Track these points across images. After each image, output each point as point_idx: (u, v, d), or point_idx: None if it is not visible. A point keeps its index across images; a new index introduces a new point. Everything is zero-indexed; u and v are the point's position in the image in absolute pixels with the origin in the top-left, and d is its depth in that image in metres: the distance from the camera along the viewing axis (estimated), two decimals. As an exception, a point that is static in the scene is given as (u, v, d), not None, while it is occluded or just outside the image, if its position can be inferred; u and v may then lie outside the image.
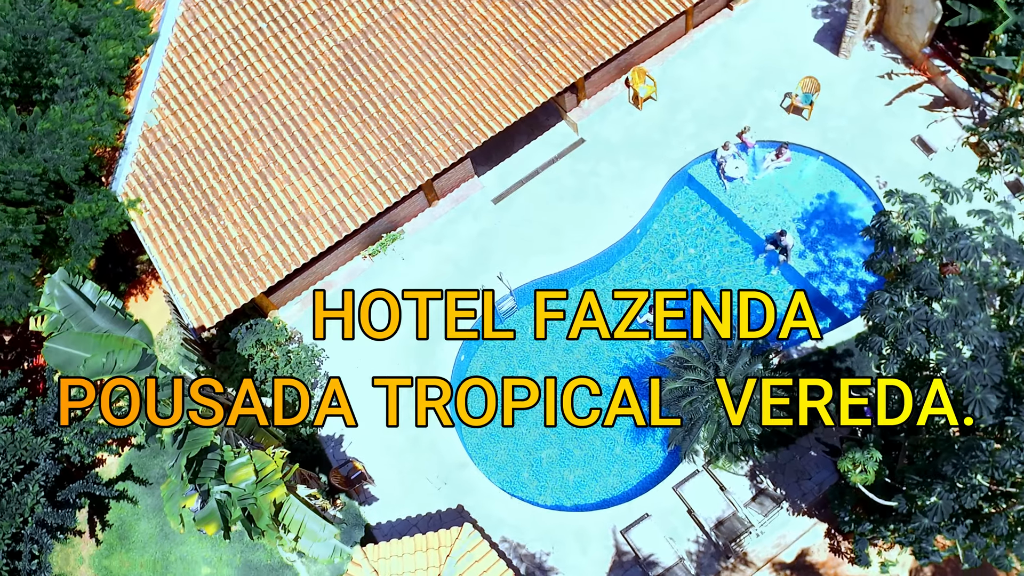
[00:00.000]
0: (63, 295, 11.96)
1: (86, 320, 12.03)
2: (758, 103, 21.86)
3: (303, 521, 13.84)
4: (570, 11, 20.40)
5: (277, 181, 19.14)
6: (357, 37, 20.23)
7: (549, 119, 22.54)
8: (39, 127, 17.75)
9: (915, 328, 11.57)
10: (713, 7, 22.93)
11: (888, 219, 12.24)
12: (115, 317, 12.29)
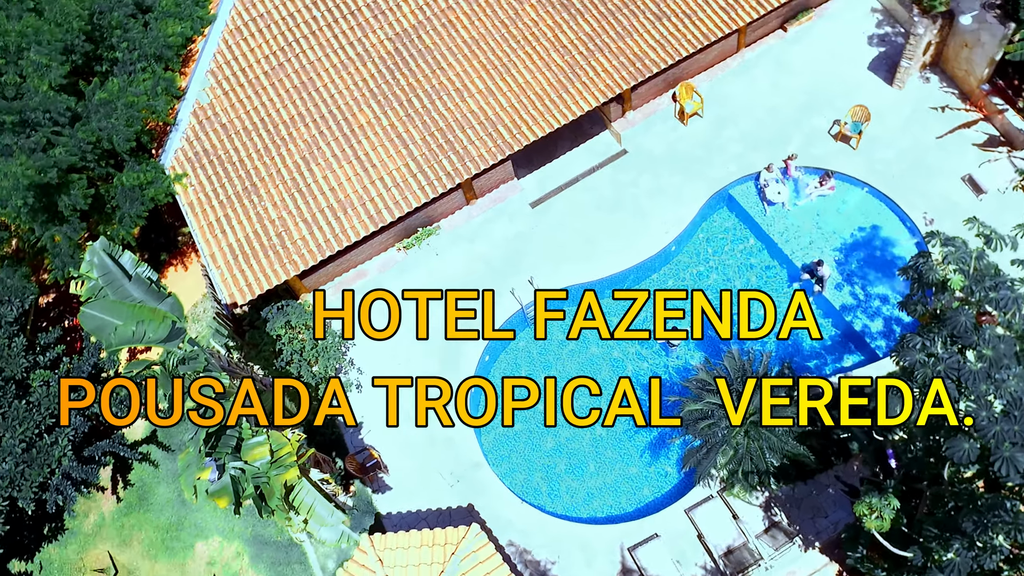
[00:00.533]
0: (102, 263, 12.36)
1: (122, 289, 12.41)
2: (805, 128, 21.61)
3: (312, 505, 14.09)
4: (621, 22, 20.38)
5: (319, 167, 19.45)
6: (408, 32, 20.45)
7: (593, 127, 22.54)
8: (97, 97, 18.28)
9: (945, 376, 11.35)
10: (767, 27, 22.70)
11: (927, 261, 12.02)
12: (149, 288, 12.65)
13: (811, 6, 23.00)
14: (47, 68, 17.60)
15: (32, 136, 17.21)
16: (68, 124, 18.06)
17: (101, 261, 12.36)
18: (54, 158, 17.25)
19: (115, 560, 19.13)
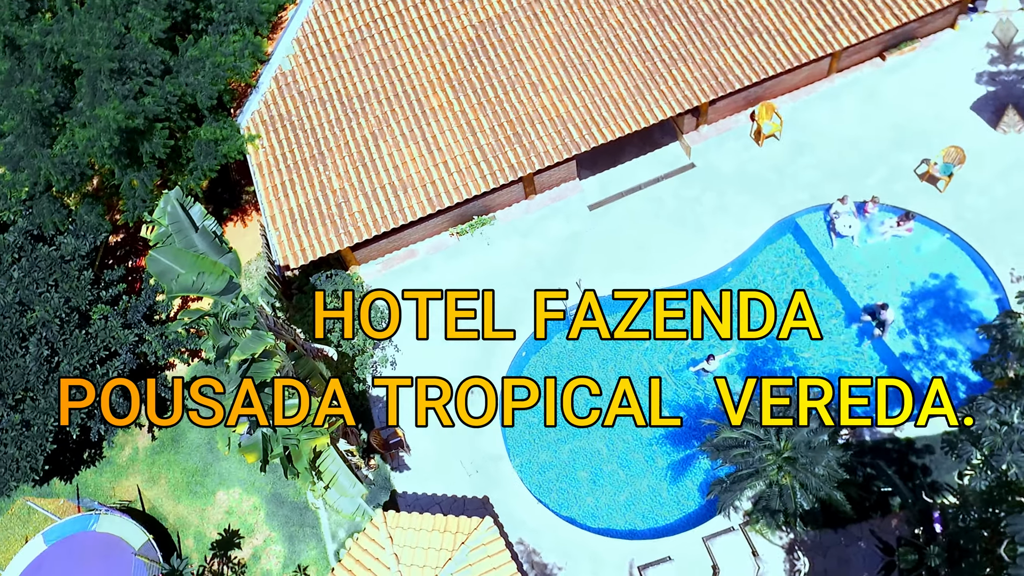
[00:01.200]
0: (174, 211, 12.88)
1: (188, 239, 12.90)
2: (891, 163, 20.63)
3: (336, 474, 14.34)
4: (710, 33, 19.88)
5: (386, 144, 19.72)
6: (492, 21, 20.48)
7: (663, 137, 22.11)
8: (189, 53, 19.02)
9: (1018, 448, 10.61)
10: (864, 54, 21.75)
11: (1014, 322, 11.26)
12: (213, 242, 13.10)
13: (917, 36, 21.92)
14: (150, 22, 18.43)
15: (127, 84, 18.05)
16: (160, 76, 18.84)
17: (173, 210, 12.90)
18: (143, 107, 18.05)
19: (142, 495, 19.99)
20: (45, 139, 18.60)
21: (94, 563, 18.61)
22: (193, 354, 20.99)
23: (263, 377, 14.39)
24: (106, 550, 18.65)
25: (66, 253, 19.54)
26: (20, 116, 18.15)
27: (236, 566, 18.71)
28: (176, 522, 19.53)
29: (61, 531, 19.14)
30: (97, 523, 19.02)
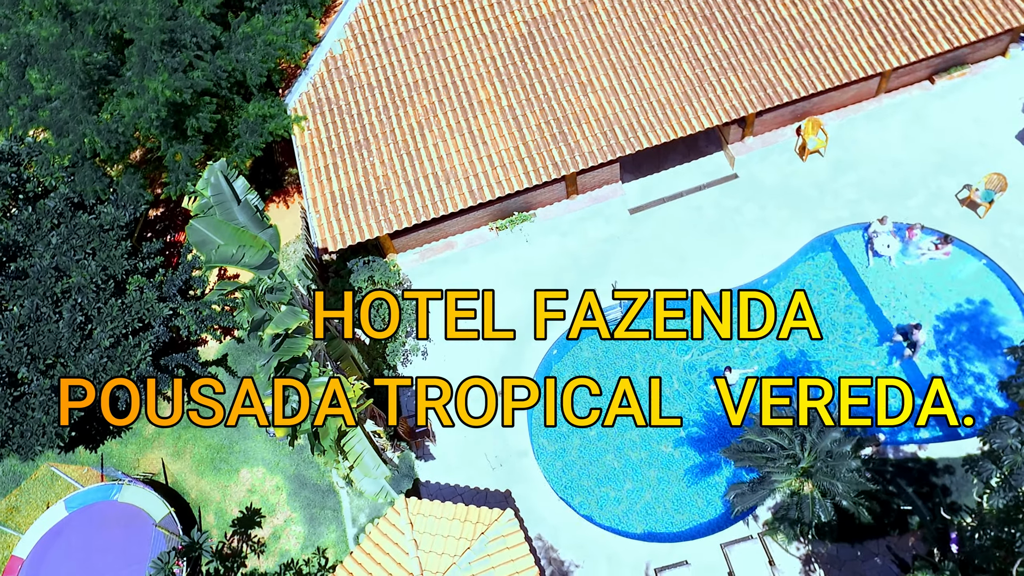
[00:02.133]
0: (217, 183, 12.92)
1: (230, 211, 12.95)
2: (932, 187, 20.58)
3: (361, 454, 14.38)
4: (761, 44, 19.87)
5: (432, 134, 19.77)
6: (546, 18, 20.51)
7: (708, 146, 22.10)
8: (241, 30, 19.11)
9: (1034, 468, 10.64)
10: (913, 76, 21.70)
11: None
12: (254, 216, 13.15)
13: (968, 62, 21.87)
14: (203, -4, 18.52)
15: (177, 56, 18.12)
16: (210, 51, 18.93)
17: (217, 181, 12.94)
18: (192, 80, 18.12)
19: (166, 468, 20.06)
20: (92, 105, 18.67)
21: (114, 532, 18.69)
22: (226, 331, 21.06)
23: (295, 352, 14.42)
24: (127, 520, 18.73)
25: (105, 222, 19.63)
26: (68, 80, 18.23)
27: (255, 544, 18.75)
28: (198, 497, 19.59)
29: (83, 499, 19.23)
30: (119, 493, 19.10)
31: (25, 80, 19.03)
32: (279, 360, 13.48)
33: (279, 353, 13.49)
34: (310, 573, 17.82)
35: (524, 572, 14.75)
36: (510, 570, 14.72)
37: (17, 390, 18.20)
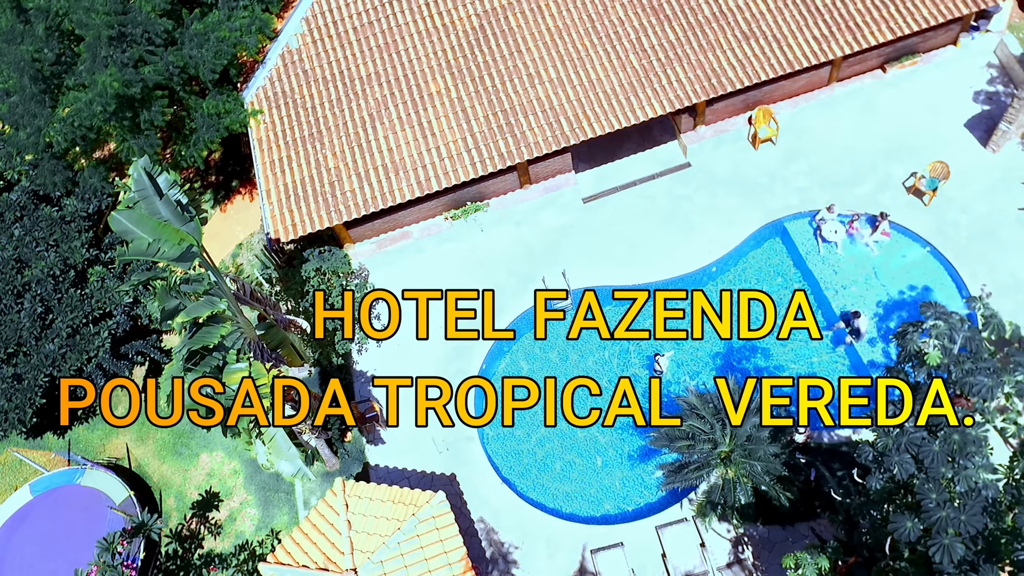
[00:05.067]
0: (139, 179, 13.40)
1: (152, 206, 13.44)
2: (880, 174, 20.81)
3: (274, 436, 14.88)
4: (708, 35, 20.12)
5: (383, 126, 20.19)
6: (497, 11, 20.84)
7: (663, 135, 22.38)
8: (193, 27, 19.56)
9: (905, 449, 11.00)
10: (865, 65, 21.86)
11: (915, 330, 11.62)
12: (175, 210, 13.62)
13: (919, 51, 21.99)
14: (154, -8, 18.95)
15: (127, 52, 18.59)
16: (162, 46, 19.38)
17: (140, 177, 13.41)
18: (142, 75, 18.59)
19: (130, 453, 20.71)
20: (46, 100, 19.16)
21: (76, 515, 19.36)
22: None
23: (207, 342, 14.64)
24: (88, 503, 19.40)
25: (67, 214, 20.21)
26: (19, 75, 18.70)
27: (212, 526, 19.38)
28: (160, 481, 20.25)
29: (47, 483, 19.93)
30: (82, 477, 19.78)
31: (-19, 75, 19.59)
32: (190, 348, 13.98)
33: (191, 341, 14.01)
34: (263, 554, 18.44)
35: (452, 552, 15.25)
36: (438, 550, 15.21)
37: (-21, 379, 18.87)
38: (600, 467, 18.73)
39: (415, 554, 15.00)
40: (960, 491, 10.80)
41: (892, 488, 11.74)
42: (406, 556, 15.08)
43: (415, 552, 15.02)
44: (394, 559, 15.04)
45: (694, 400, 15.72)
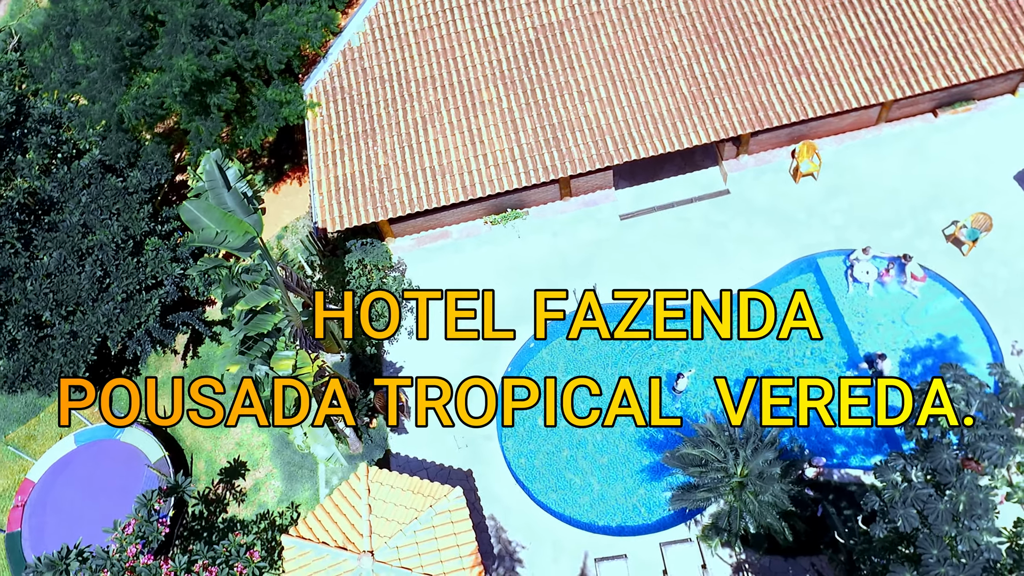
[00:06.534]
0: (210, 170, 14.30)
1: (220, 196, 14.33)
2: (920, 219, 20.91)
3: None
4: (759, 68, 20.42)
5: (434, 129, 20.91)
6: (553, 26, 21.38)
7: (704, 160, 22.74)
8: (265, 18, 20.48)
9: (911, 504, 11.38)
10: (916, 108, 21.94)
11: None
12: (241, 202, 14.49)
13: (974, 97, 21.99)
14: (232, -16, 19.92)
15: (204, 41, 19.60)
16: (235, 36, 20.35)
17: (211, 168, 14.31)
18: (215, 62, 19.59)
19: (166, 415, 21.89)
20: (124, 78, 20.29)
21: (115, 468, 20.58)
22: (232, 295, 22.69)
23: (262, 328, 15.60)
24: (126, 458, 20.61)
25: (130, 186, 21.35)
26: (103, 54, 19.85)
27: (237, 493, 20.43)
28: (192, 445, 21.37)
29: (91, 435, 21.18)
30: (122, 433, 20.97)
31: (68, 50, 20.79)
32: (246, 334, 14.89)
33: (247, 328, 14.91)
34: (283, 525, 19.44)
35: (464, 546, 16.00)
36: (451, 543, 15.98)
37: (41, 332, 20.13)
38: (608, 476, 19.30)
39: (429, 543, 15.79)
40: (962, 550, 11.14)
41: (895, 538, 12.12)
42: (420, 544, 15.89)
43: (429, 542, 15.81)
44: (409, 546, 15.86)
45: (711, 428, 16.19)
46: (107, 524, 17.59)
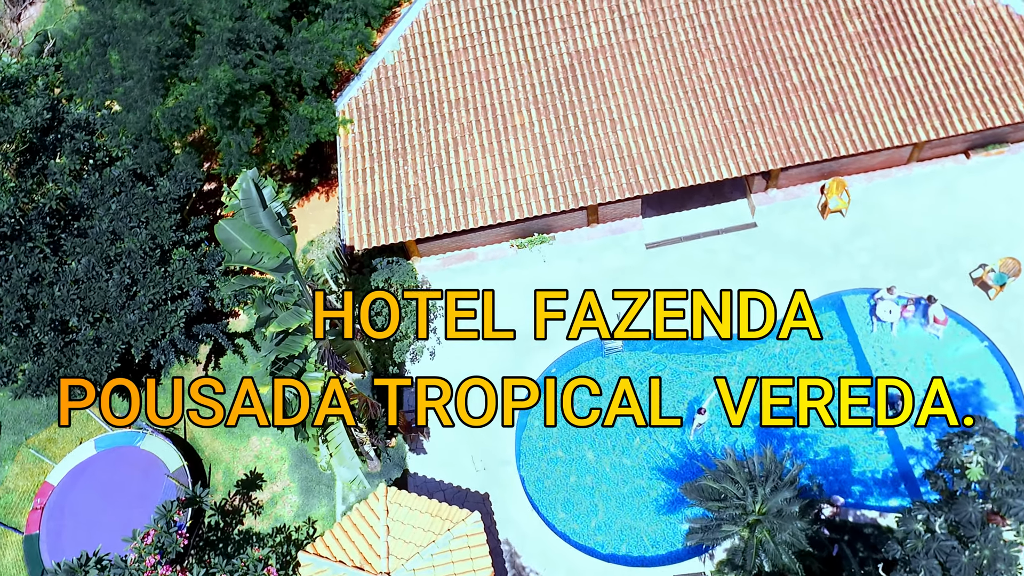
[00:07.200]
0: (247, 189, 14.43)
1: (255, 216, 14.45)
2: (948, 260, 20.84)
3: (340, 444, 15.82)
4: (793, 103, 20.42)
5: (464, 151, 20.99)
6: (589, 52, 21.44)
7: (733, 192, 22.73)
8: (301, 34, 20.63)
9: (934, 555, 11.35)
10: (948, 148, 21.89)
11: (960, 441, 11.92)
12: (276, 222, 14.61)
13: (1008, 140, 21.92)
14: (271, 1, 20.03)
15: (240, 54, 19.75)
16: (271, 51, 20.50)
17: (247, 187, 14.43)
18: (250, 76, 19.72)
19: (186, 424, 21.98)
20: (160, 88, 20.47)
21: (134, 475, 20.69)
22: (255, 307, 22.81)
23: (293, 351, 15.74)
24: (146, 466, 20.71)
25: (160, 195, 21.50)
26: (141, 63, 20.01)
27: (254, 505, 20.51)
28: (211, 455, 21.46)
29: (111, 441, 21.31)
30: (142, 441, 21.09)
31: (105, 58, 20.99)
32: (276, 356, 14.99)
33: (279, 349, 15.01)
34: (299, 540, 19.49)
35: (480, 571, 16.01)
36: (467, 567, 16.00)
37: (67, 337, 20.28)
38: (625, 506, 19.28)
39: (446, 567, 15.82)
40: None
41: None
42: (437, 568, 15.91)
43: (446, 565, 15.84)
44: (426, 569, 15.89)
45: (731, 464, 16.16)
46: (125, 531, 17.68)
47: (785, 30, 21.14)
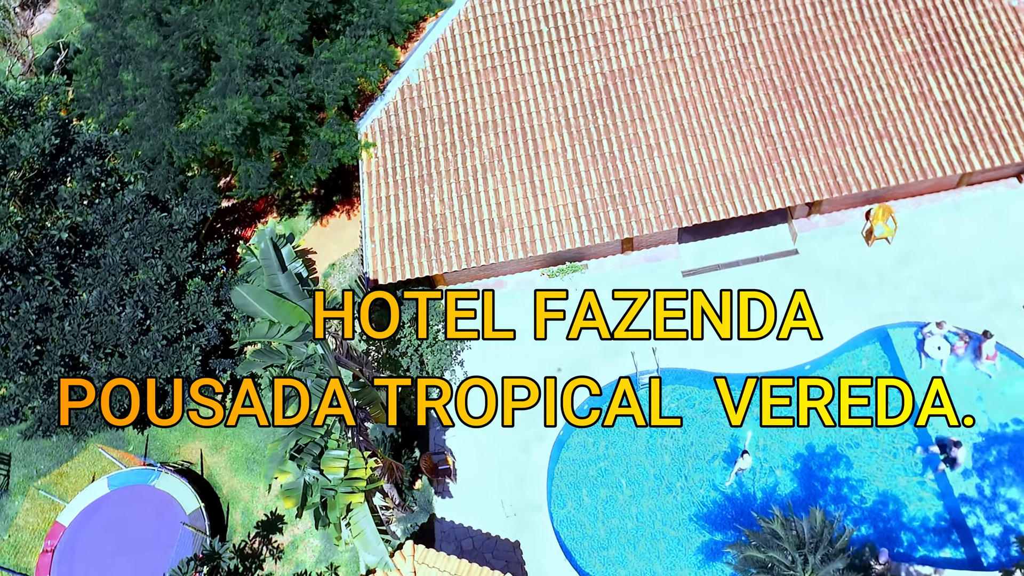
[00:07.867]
0: (266, 248, 13.39)
1: (274, 279, 13.43)
2: (1000, 292, 19.86)
3: (364, 530, 14.95)
4: (839, 128, 19.37)
5: (493, 179, 19.97)
6: (623, 72, 20.36)
7: (773, 217, 21.71)
8: (323, 55, 19.54)
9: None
10: (1000, 172, 20.86)
11: None
12: (296, 286, 13.57)
13: (1060, 163, 20.85)
14: (290, 23, 18.93)
15: (259, 80, 18.68)
16: (291, 75, 19.40)
17: (266, 246, 13.43)
18: (269, 104, 18.67)
19: (204, 459, 21.16)
20: (174, 115, 19.45)
21: (148, 517, 19.89)
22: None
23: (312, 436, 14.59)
24: (161, 508, 19.91)
25: (175, 222, 20.53)
26: (154, 89, 19.00)
27: (275, 549, 19.72)
28: (229, 494, 20.66)
29: (124, 479, 20.49)
30: (157, 479, 20.28)
31: (117, 78, 19.95)
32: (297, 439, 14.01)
33: (297, 433, 14.03)
34: (321, 587, 18.74)
35: (517, 639, 15.22)
36: (503, 636, 15.20)
37: (77, 374, 19.40)
38: (663, 558, 18.47)
39: (479, 639, 15.02)
40: None
41: None
42: (468, 638, 15.11)
43: (479, 637, 15.04)
44: (456, 640, 15.10)
45: (778, 529, 15.27)
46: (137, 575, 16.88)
47: (830, 50, 20.02)
